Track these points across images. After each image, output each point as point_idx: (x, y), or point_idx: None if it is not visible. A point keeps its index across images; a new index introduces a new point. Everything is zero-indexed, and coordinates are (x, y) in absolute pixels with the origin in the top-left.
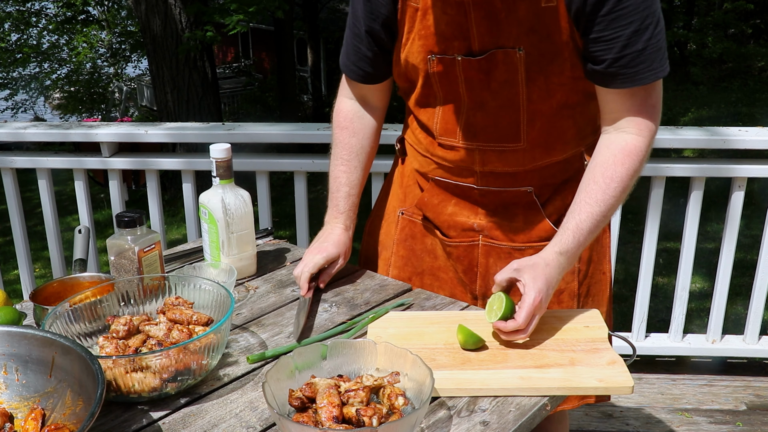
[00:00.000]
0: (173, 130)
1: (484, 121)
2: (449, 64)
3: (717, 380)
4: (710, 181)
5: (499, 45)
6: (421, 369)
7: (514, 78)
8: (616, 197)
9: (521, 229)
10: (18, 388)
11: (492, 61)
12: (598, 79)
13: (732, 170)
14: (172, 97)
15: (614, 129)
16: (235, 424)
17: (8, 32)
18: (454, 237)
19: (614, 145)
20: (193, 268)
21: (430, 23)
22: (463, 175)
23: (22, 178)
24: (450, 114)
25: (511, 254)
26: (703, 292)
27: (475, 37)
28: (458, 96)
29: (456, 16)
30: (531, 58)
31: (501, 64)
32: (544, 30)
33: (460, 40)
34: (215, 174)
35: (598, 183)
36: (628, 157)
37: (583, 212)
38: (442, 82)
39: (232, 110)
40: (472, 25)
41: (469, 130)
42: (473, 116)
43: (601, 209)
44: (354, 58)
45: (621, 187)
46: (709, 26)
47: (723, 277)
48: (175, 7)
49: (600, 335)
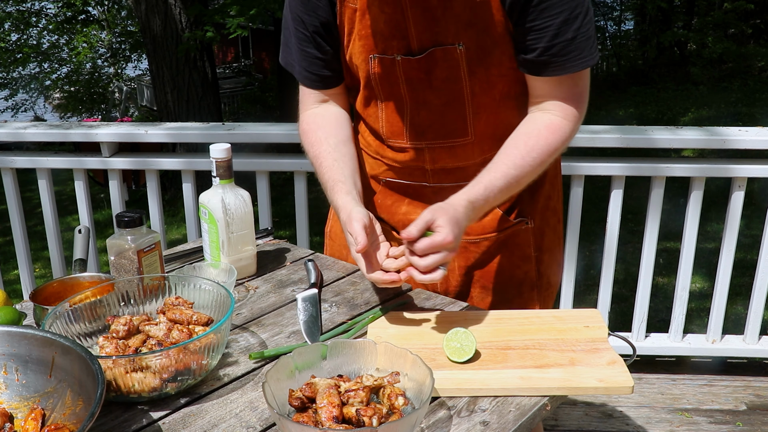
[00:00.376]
0: (173, 130)
1: (429, 119)
2: (389, 64)
3: (717, 380)
4: (710, 181)
5: (438, 42)
6: (421, 369)
7: (456, 74)
8: (533, 167)
9: (475, 222)
10: (18, 388)
11: (432, 59)
12: (530, 68)
13: (732, 170)
14: (172, 97)
15: (539, 110)
16: (235, 424)
17: (8, 32)
18: None
19: (539, 121)
20: (193, 268)
21: (369, 23)
22: (415, 175)
23: (22, 178)
24: (394, 115)
25: (466, 248)
26: (703, 292)
27: (413, 35)
28: (400, 96)
29: (393, 15)
30: (471, 52)
31: (441, 62)
32: (481, 24)
33: (398, 39)
34: (215, 174)
35: (519, 149)
36: (552, 133)
37: (498, 171)
38: (383, 83)
39: (232, 110)
40: (410, 23)
41: (415, 129)
42: (417, 116)
43: (516, 174)
44: (306, 63)
45: (539, 159)
46: (709, 26)
47: (723, 277)
48: (175, 7)
49: (600, 335)
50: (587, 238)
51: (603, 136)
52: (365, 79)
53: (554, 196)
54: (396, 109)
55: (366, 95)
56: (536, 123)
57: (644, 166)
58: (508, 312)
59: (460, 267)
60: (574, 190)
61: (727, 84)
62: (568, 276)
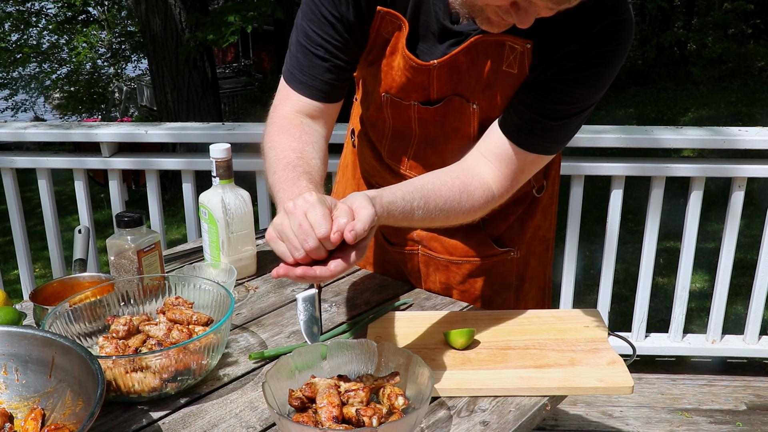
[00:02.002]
0: (173, 130)
1: (433, 158)
2: (405, 107)
3: (717, 380)
4: (710, 181)
5: (457, 92)
6: (421, 369)
7: (466, 129)
8: (445, 219)
9: (460, 244)
10: (18, 388)
11: (449, 106)
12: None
13: (732, 170)
14: (172, 97)
15: (486, 166)
16: (235, 424)
17: (8, 32)
18: (396, 243)
19: (483, 188)
20: (193, 268)
21: (394, 66)
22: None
23: (22, 178)
24: (398, 142)
25: (448, 267)
26: (703, 292)
27: (434, 88)
28: (410, 129)
29: (419, 77)
30: (483, 113)
31: (456, 111)
32: (500, 89)
33: (419, 92)
34: (215, 174)
35: (462, 204)
36: (484, 206)
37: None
38: (395, 115)
39: (232, 110)
40: (433, 80)
41: (417, 160)
42: (423, 150)
43: (431, 213)
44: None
45: (456, 216)
46: (709, 26)
47: (723, 277)
48: (175, 7)
49: (600, 335)
50: (587, 238)
51: (605, 136)
52: (376, 104)
53: (545, 225)
54: (402, 138)
55: (374, 114)
56: (480, 187)
57: (645, 166)
58: (508, 312)
59: (440, 282)
60: (574, 190)
61: (727, 84)
62: (568, 276)
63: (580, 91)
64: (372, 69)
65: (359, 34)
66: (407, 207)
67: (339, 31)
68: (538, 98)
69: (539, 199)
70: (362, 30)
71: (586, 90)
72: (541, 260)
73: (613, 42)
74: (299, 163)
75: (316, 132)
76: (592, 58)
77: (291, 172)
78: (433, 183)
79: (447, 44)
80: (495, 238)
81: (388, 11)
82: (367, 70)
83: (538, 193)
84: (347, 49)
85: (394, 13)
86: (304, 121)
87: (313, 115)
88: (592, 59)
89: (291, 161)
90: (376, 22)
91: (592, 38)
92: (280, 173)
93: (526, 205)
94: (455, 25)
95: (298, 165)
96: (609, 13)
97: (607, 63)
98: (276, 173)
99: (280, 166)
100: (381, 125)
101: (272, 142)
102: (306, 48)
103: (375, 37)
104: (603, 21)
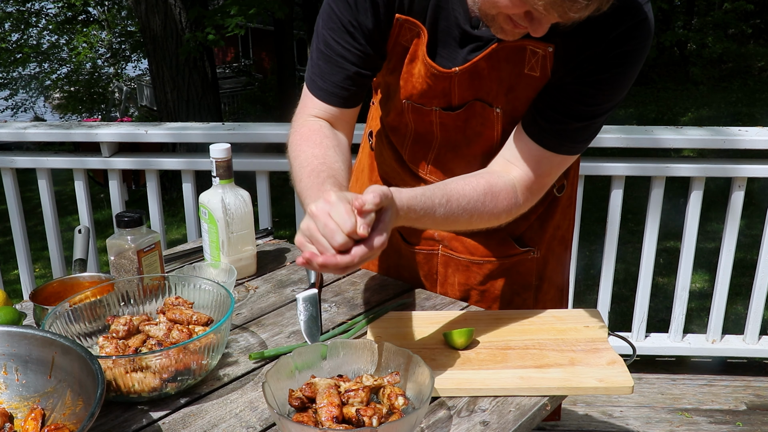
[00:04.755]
0: (173, 130)
1: (453, 162)
2: (426, 113)
3: (717, 380)
4: (710, 181)
5: (479, 97)
6: (421, 369)
7: (489, 133)
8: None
9: (481, 244)
10: (18, 388)
11: (471, 111)
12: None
13: (732, 170)
14: (172, 97)
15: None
16: (235, 424)
17: (8, 32)
18: (414, 243)
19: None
20: (193, 268)
21: (415, 73)
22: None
23: (22, 178)
24: (419, 146)
25: (468, 267)
26: (703, 292)
27: (456, 94)
28: (431, 134)
29: (440, 84)
30: (507, 116)
31: (478, 116)
32: (523, 93)
33: (440, 98)
34: (215, 174)
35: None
36: (509, 209)
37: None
38: (416, 120)
39: (232, 110)
40: (455, 86)
41: (438, 165)
42: (444, 155)
43: (453, 212)
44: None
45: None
46: (709, 26)
47: (723, 276)
48: (175, 7)
49: (600, 335)
50: (587, 238)
51: (605, 136)
52: (397, 109)
53: (564, 225)
54: (424, 142)
55: (395, 118)
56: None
57: (645, 165)
58: (508, 312)
59: (460, 284)
60: None
61: (727, 84)
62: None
63: (603, 92)
64: (392, 76)
65: (379, 42)
66: (428, 203)
67: (358, 39)
68: (562, 100)
69: (559, 199)
70: (382, 38)
71: (609, 90)
72: (560, 260)
73: (633, 41)
74: (323, 169)
75: (336, 136)
76: (613, 59)
77: (315, 179)
78: (456, 182)
79: (468, 49)
80: (515, 238)
81: (407, 19)
82: (388, 77)
83: (559, 192)
84: (367, 57)
85: (412, 21)
86: (324, 127)
87: (333, 121)
88: (613, 60)
89: (315, 168)
90: (394, 30)
91: (612, 41)
92: (306, 181)
93: (546, 204)
94: (476, 29)
95: (321, 171)
96: (628, 16)
97: (628, 63)
98: (302, 181)
99: (305, 174)
100: (403, 129)
101: (295, 152)
102: (326, 56)
103: (394, 46)
104: (623, 24)
